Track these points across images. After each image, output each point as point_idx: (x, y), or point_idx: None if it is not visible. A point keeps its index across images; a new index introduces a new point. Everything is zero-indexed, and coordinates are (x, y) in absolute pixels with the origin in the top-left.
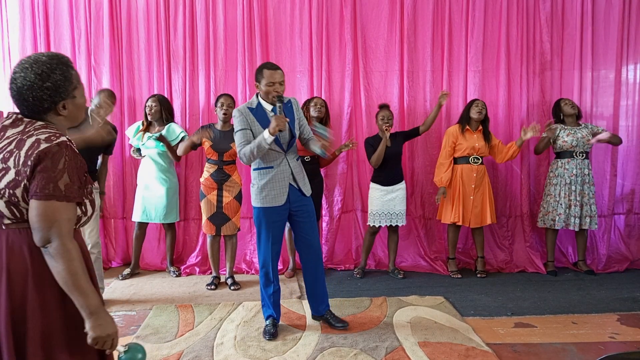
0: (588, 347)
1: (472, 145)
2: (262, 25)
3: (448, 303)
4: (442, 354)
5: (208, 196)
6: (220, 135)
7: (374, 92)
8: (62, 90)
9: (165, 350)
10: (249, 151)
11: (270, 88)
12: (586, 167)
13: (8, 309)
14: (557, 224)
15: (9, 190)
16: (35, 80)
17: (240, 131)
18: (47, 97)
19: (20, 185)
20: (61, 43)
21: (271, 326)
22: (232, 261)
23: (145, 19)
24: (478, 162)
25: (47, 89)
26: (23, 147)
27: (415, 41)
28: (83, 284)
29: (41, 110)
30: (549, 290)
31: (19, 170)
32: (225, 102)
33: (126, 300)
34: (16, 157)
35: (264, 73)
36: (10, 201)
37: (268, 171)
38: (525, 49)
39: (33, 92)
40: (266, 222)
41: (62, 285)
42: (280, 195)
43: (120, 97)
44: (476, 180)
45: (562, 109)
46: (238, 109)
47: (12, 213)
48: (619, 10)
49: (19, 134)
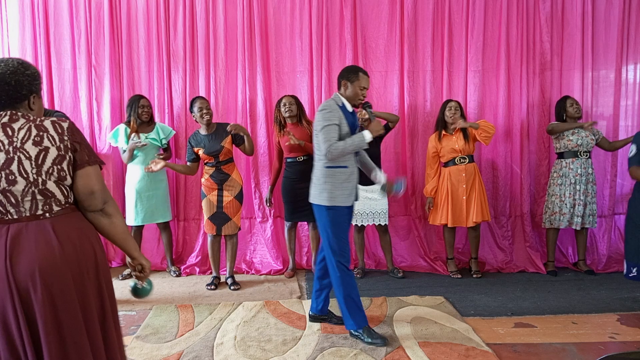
0: (588, 347)
1: (452, 147)
2: (262, 25)
3: (448, 303)
4: (442, 354)
5: (208, 196)
6: (208, 138)
7: (374, 92)
8: (36, 83)
9: (165, 350)
10: (342, 148)
11: (361, 92)
12: (590, 167)
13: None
14: (562, 224)
15: (56, 167)
16: (18, 67)
17: (332, 126)
18: (26, 84)
19: (66, 158)
20: (61, 43)
21: (373, 332)
22: (233, 261)
23: (145, 19)
24: (465, 162)
25: (28, 76)
26: (47, 129)
27: (416, 41)
28: (129, 234)
29: (18, 97)
30: (549, 290)
31: (59, 147)
32: (204, 106)
33: (126, 300)
34: (49, 137)
35: (360, 76)
36: (59, 177)
37: (344, 170)
38: (525, 49)
39: (16, 77)
40: (340, 222)
41: (121, 234)
42: (352, 195)
43: (120, 97)
44: (467, 179)
45: (567, 110)
46: (329, 104)
47: (62, 192)
48: (619, 10)
49: (27, 122)
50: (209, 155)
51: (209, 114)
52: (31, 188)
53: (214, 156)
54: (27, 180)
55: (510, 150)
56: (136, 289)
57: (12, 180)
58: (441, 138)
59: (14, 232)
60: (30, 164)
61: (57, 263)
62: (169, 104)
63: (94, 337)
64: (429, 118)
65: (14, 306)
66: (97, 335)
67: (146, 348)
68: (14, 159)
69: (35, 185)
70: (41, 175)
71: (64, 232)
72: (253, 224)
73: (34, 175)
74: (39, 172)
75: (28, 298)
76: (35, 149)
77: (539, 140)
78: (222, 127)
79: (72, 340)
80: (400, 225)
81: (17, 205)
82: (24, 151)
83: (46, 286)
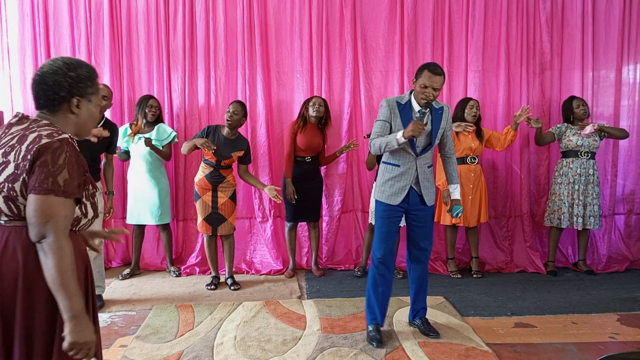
0: (588, 347)
1: (469, 146)
2: (262, 25)
3: (448, 303)
4: (442, 354)
5: (203, 197)
6: (225, 142)
7: (375, 92)
8: (82, 86)
9: (165, 350)
10: (379, 144)
11: (423, 90)
12: (591, 168)
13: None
14: (563, 223)
15: (7, 185)
16: (61, 66)
17: (379, 122)
18: (66, 85)
19: (19, 179)
20: (61, 43)
21: (375, 332)
22: (231, 261)
23: (145, 19)
24: (475, 162)
25: (70, 77)
26: (25, 141)
27: (416, 41)
28: (70, 284)
29: (57, 98)
30: (549, 290)
31: (18, 164)
32: (232, 109)
33: (126, 300)
34: (17, 152)
35: (423, 73)
36: (9, 196)
37: (394, 168)
38: (525, 49)
39: (55, 77)
40: (381, 217)
41: (50, 283)
42: (397, 195)
43: (120, 97)
44: (474, 180)
45: (573, 111)
46: (386, 99)
47: (9, 209)
48: (619, 9)
49: (23, 130)
50: (214, 156)
51: (233, 117)
52: None
53: (218, 159)
54: None
55: (510, 151)
56: None
57: None
58: (458, 134)
59: None
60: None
61: None
62: (169, 104)
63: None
64: None
65: None
66: None
67: (146, 348)
68: None
69: None
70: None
71: (8, 241)
72: (253, 224)
73: None
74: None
75: None
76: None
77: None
78: (242, 140)
79: None
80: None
81: None
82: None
83: None
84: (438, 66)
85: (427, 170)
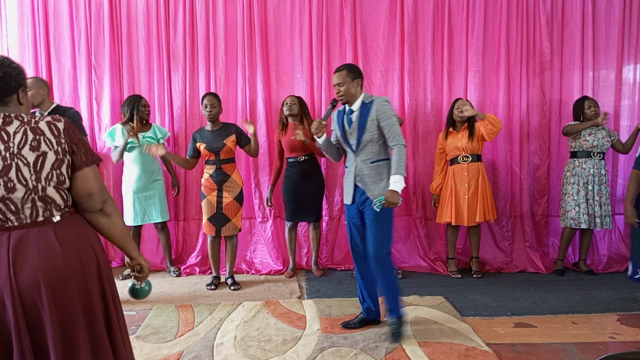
0: (588, 347)
1: (456, 145)
2: (262, 25)
3: (448, 303)
4: (442, 354)
5: (208, 197)
6: (212, 135)
7: (375, 92)
8: (22, 77)
9: (165, 350)
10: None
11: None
12: (602, 168)
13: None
14: (582, 224)
15: (55, 172)
16: (4, 60)
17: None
18: (14, 75)
19: (64, 162)
20: (61, 43)
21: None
22: (232, 261)
23: (145, 19)
24: (468, 161)
25: (14, 68)
26: (44, 132)
27: (416, 41)
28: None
29: (7, 89)
30: (549, 290)
31: (57, 150)
32: (209, 103)
33: (126, 300)
34: (46, 141)
35: None
36: (59, 182)
37: (346, 170)
38: (525, 49)
39: (3, 68)
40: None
41: (121, 234)
42: (347, 194)
43: (120, 97)
44: (469, 178)
45: (584, 112)
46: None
47: (61, 197)
48: (619, 9)
49: (22, 124)
50: (210, 152)
51: (212, 111)
52: (31, 195)
53: (215, 153)
54: (26, 187)
55: (510, 150)
56: (134, 289)
57: (11, 188)
58: (448, 135)
59: (16, 240)
60: (28, 170)
61: (60, 270)
62: (169, 104)
63: (101, 340)
64: (429, 118)
65: (16, 315)
66: (103, 339)
67: (146, 348)
68: (12, 165)
69: (35, 192)
70: (40, 181)
71: (65, 237)
72: (253, 224)
73: (33, 182)
74: (38, 178)
75: (33, 307)
76: (33, 154)
77: (539, 140)
78: (228, 126)
79: (82, 346)
80: (401, 226)
81: (18, 213)
82: (22, 157)
83: (52, 294)
84: (342, 64)
85: (371, 165)
